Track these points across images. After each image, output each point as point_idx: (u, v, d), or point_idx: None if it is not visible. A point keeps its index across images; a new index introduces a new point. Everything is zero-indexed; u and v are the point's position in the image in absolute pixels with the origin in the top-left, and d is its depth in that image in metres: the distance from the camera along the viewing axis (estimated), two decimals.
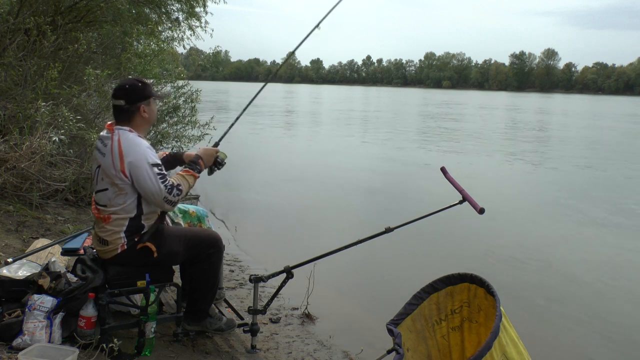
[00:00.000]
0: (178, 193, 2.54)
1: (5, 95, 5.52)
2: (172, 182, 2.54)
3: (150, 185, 2.46)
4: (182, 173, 2.67)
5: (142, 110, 2.61)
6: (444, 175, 3.00)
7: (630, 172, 11.98)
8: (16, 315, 2.51)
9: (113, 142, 2.50)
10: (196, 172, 2.71)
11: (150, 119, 2.69)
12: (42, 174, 4.83)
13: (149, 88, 2.69)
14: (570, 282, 5.04)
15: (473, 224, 6.21)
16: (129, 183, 2.49)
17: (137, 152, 2.48)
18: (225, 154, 2.94)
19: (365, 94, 76.68)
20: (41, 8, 6.40)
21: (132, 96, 2.59)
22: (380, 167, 11.66)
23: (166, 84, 7.97)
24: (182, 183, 2.59)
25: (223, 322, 2.97)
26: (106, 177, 2.52)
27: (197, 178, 2.73)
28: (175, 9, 9.05)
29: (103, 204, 2.56)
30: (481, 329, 2.54)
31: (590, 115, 37.15)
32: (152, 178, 2.46)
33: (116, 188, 2.50)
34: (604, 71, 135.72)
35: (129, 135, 2.52)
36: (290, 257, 3.43)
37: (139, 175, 2.46)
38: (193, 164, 2.74)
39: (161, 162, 2.58)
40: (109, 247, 2.58)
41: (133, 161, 2.46)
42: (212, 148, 2.93)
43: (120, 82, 2.77)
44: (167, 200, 2.51)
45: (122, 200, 2.52)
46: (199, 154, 2.82)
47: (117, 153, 2.47)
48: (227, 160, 2.95)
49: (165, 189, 2.48)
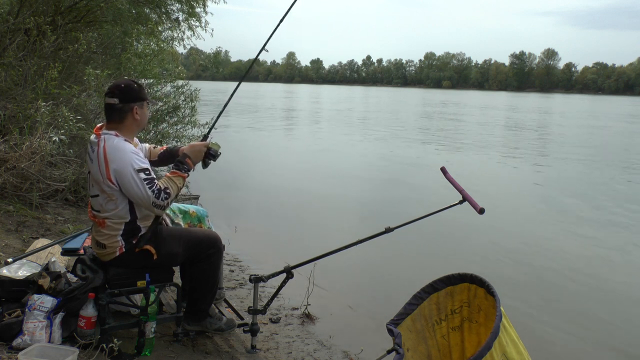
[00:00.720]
0: (166, 197, 2.49)
1: (5, 95, 5.52)
2: (159, 186, 2.49)
3: (137, 191, 2.44)
4: (169, 175, 2.60)
5: (135, 112, 2.59)
6: (444, 175, 3.00)
7: (630, 172, 11.98)
8: (16, 315, 2.51)
9: (99, 149, 2.47)
10: (183, 172, 2.63)
11: (142, 122, 2.65)
12: (42, 174, 4.83)
13: (144, 91, 2.67)
14: (571, 282, 5.04)
15: (473, 224, 6.21)
16: (117, 189, 2.47)
17: (122, 159, 2.44)
18: (218, 144, 2.82)
19: (365, 94, 76.68)
20: (41, 8, 6.40)
21: (127, 96, 2.56)
22: (380, 167, 11.66)
23: (166, 84, 7.97)
24: (170, 186, 2.54)
25: (223, 322, 2.97)
26: (95, 184, 2.52)
27: (186, 177, 2.66)
28: (175, 9, 9.06)
29: (97, 209, 2.56)
30: (481, 329, 2.54)
31: (590, 115, 37.14)
32: (138, 184, 2.43)
33: (105, 195, 2.49)
34: (604, 71, 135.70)
35: (114, 141, 2.48)
36: (290, 257, 3.44)
37: (124, 182, 2.44)
38: (180, 164, 2.66)
39: (149, 164, 2.55)
40: (106, 250, 2.58)
41: (117, 168, 2.43)
42: (199, 143, 2.81)
43: (115, 81, 2.73)
44: (155, 205, 2.47)
45: (113, 206, 2.50)
46: (185, 152, 2.74)
47: (102, 160, 2.45)
48: (221, 150, 2.83)
49: (153, 194, 2.44)
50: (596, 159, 13.92)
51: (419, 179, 10.21)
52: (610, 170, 11.98)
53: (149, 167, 2.52)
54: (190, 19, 9.19)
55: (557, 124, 27.82)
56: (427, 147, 15.12)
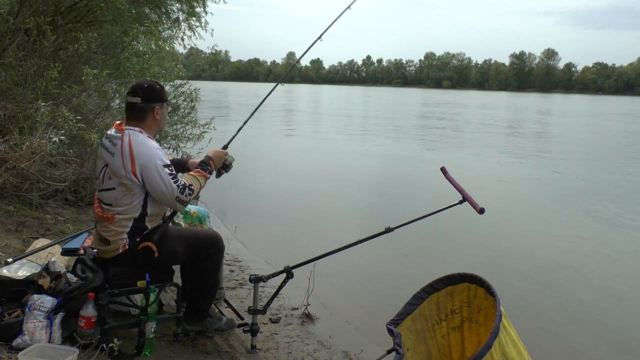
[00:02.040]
0: (190, 193, 2.57)
1: (5, 95, 5.51)
2: (183, 182, 2.57)
3: (162, 186, 2.48)
4: (194, 174, 2.69)
5: (156, 112, 2.64)
6: (444, 175, 3.00)
7: (630, 170, 11.97)
8: (16, 315, 2.51)
9: (123, 143, 2.50)
10: (207, 173, 2.75)
11: (161, 122, 2.72)
12: (42, 174, 4.83)
13: (165, 92, 2.75)
14: (571, 282, 5.04)
15: (473, 224, 6.21)
16: (139, 184, 2.51)
17: (148, 154, 2.49)
18: (233, 157, 2.97)
19: (365, 94, 76.68)
20: (41, 8, 6.39)
21: (149, 95, 2.61)
22: (380, 167, 11.66)
23: (165, 84, 7.96)
24: (194, 183, 2.62)
25: (223, 322, 2.98)
26: (114, 177, 2.53)
27: (208, 179, 2.76)
28: (175, 9, 9.05)
29: (108, 203, 2.57)
30: (481, 329, 2.54)
31: (590, 115, 37.14)
32: (164, 179, 2.48)
33: (124, 188, 2.52)
34: (604, 71, 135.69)
35: (139, 137, 2.53)
36: (290, 257, 3.44)
37: (150, 177, 2.48)
38: (204, 165, 2.77)
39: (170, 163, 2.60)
40: (110, 246, 2.59)
41: (144, 163, 2.48)
42: (222, 150, 2.95)
43: (138, 81, 2.81)
44: (179, 200, 2.53)
45: (129, 200, 2.53)
46: (210, 155, 2.85)
47: (127, 154, 2.48)
48: (234, 163, 2.98)
49: (178, 189, 2.51)
50: (596, 158, 13.92)
51: (418, 179, 10.21)
52: (611, 170, 11.97)
53: (171, 164, 2.58)
54: (190, 18, 9.18)
55: (558, 123, 27.82)
56: (427, 147, 15.12)
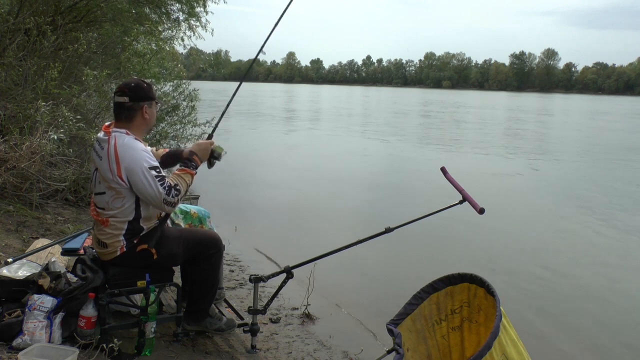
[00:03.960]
0: (176, 193, 2.51)
1: (5, 95, 5.51)
2: (169, 182, 2.51)
3: (149, 189, 2.44)
4: (178, 172, 2.64)
5: (144, 111, 2.60)
6: (444, 175, 3.01)
7: (630, 170, 11.97)
8: (16, 315, 2.51)
9: (109, 146, 2.47)
10: (192, 169, 2.67)
11: (150, 121, 2.67)
12: (42, 174, 4.83)
13: (153, 91, 2.69)
14: (571, 281, 5.04)
15: (473, 224, 6.21)
16: (127, 187, 2.47)
17: (133, 157, 2.45)
18: (221, 147, 2.87)
19: (365, 93, 76.66)
20: (41, 8, 6.39)
21: (137, 94, 2.57)
22: (380, 167, 11.66)
23: (165, 83, 7.96)
24: (180, 182, 2.57)
25: (223, 322, 2.97)
26: (103, 181, 2.51)
27: (194, 175, 2.69)
28: (175, 9, 9.05)
29: (101, 207, 2.56)
30: (481, 329, 2.54)
31: (590, 115, 37.13)
32: (149, 181, 2.44)
33: (114, 192, 2.49)
34: (604, 71, 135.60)
35: (124, 139, 2.49)
36: (290, 257, 3.44)
37: (136, 180, 2.44)
38: (188, 162, 2.69)
39: (158, 163, 2.56)
40: (108, 249, 2.58)
41: (129, 166, 2.44)
42: (206, 141, 2.85)
43: (125, 80, 2.75)
44: (166, 202, 2.48)
45: (120, 203, 2.50)
46: (193, 149, 2.77)
47: (113, 157, 2.45)
48: (224, 152, 2.89)
49: (164, 191, 2.46)
50: (597, 158, 13.92)
51: (419, 179, 10.21)
52: (611, 170, 11.97)
53: (159, 165, 2.53)
54: (190, 18, 9.18)
55: (558, 123, 27.81)
56: (427, 147, 15.12)
